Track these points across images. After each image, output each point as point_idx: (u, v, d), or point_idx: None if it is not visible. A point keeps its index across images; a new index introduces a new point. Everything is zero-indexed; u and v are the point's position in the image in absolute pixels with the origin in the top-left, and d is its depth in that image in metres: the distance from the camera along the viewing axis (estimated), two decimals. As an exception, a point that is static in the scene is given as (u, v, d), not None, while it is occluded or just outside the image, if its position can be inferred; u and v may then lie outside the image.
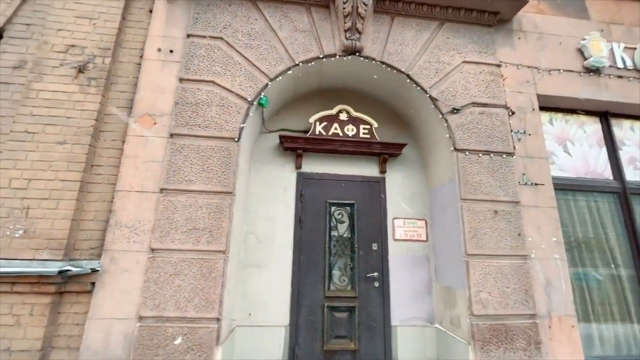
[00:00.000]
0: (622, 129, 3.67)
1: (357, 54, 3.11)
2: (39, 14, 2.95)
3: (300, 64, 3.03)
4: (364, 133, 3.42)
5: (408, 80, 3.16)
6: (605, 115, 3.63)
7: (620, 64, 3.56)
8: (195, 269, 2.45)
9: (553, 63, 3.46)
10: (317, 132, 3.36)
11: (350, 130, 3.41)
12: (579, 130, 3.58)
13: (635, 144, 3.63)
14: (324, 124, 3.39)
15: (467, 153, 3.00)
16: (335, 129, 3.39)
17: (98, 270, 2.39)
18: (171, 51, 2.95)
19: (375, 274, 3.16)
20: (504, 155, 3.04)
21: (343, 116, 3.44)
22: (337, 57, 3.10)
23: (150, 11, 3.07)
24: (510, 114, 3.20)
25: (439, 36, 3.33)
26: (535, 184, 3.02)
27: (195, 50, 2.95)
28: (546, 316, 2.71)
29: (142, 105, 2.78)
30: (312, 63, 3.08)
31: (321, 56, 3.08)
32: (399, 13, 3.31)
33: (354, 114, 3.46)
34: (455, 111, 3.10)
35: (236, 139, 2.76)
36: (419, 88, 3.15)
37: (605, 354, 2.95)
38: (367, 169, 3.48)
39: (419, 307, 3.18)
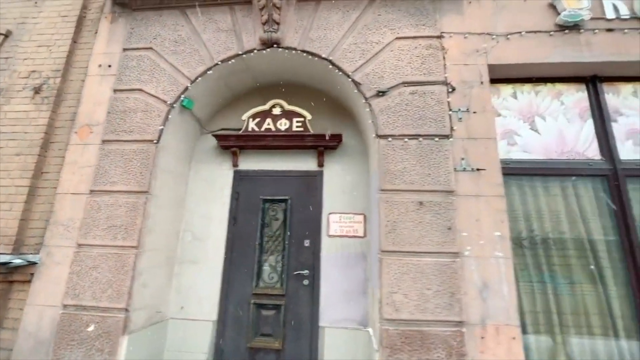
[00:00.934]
0: (618, 96, 2.90)
1: (276, 45, 3.03)
2: (14, 48, 3.52)
3: (220, 62, 3.07)
4: (297, 126, 3.31)
5: (331, 66, 2.97)
6: (593, 80, 2.92)
7: (610, 14, 2.83)
8: (111, 262, 2.66)
9: (514, 25, 2.90)
10: (249, 129, 3.36)
11: (283, 124, 3.33)
12: (553, 102, 2.94)
13: (638, 112, 2.85)
14: (257, 120, 3.38)
15: (390, 139, 2.69)
16: (268, 124, 3.35)
17: (37, 263, 2.75)
18: (109, 66, 3.25)
19: (306, 271, 3.03)
20: (437, 139, 2.65)
21: (276, 110, 3.38)
22: (256, 51, 3.06)
23: (96, 32, 3.43)
24: (450, 90, 2.78)
25: (369, 14, 3.06)
26: (477, 170, 2.58)
27: (128, 62, 3.20)
28: (479, 324, 2.29)
29: (82, 117, 3.11)
30: (233, 60, 3.09)
31: (240, 52, 3.08)
32: (324, -3, 3.14)
33: (288, 107, 3.37)
34: (380, 94, 2.81)
35: (155, 141, 2.92)
36: (341, 73, 2.94)
37: None
38: (304, 163, 3.35)
39: (352, 309, 2.94)
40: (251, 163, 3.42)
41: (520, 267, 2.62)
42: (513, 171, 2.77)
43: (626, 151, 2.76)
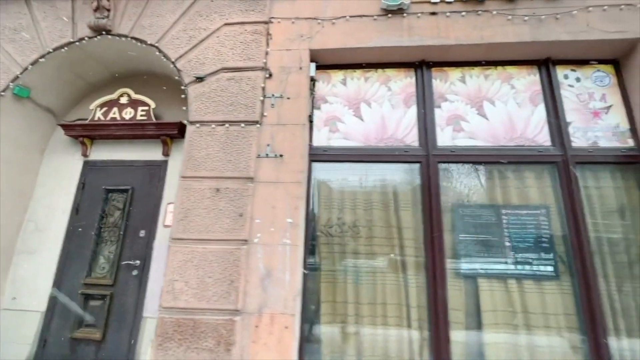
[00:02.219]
0: (445, 81, 2.83)
1: (106, 32, 2.99)
2: None
3: (52, 50, 3.03)
4: (141, 115, 3.26)
5: (158, 52, 2.92)
6: (421, 65, 2.85)
7: (436, -2, 2.76)
8: None
9: (342, 10, 2.84)
10: (96, 118, 3.31)
11: (128, 113, 3.28)
12: (381, 88, 2.87)
13: (464, 97, 2.77)
14: (105, 109, 3.33)
15: (198, 125, 2.64)
16: (114, 113, 3.30)
17: None
18: (-48, 55, 3.22)
19: (137, 262, 2.98)
20: (243, 125, 2.59)
21: (123, 99, 3.33)
22: (87, 39, 3.02)
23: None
24: (268, 76, 2.72)
25: (202, 1, 3.01)
26: (280, 156, 2.52)
27: (-33, 50, 3.17)
28: (256, 313, 2.22)
29: None
30: (66, 48, 3.05)
31: (73, 40, 3.04)
32: (163, -17, 3.09)
33: (134, 96, 3.32)
34: (198, 80, 2.76)
35: (-22, 129, 2.89)
36: (167, 60, 2.89)
37: None
38: (151, 153, 3.29)
39: (177, 299, 2.89)
40: (101, 153, 3.38)
41: (324, 256, 2.56)
42: (329, 158, 2.71)
43: (445, 137, 2.69)
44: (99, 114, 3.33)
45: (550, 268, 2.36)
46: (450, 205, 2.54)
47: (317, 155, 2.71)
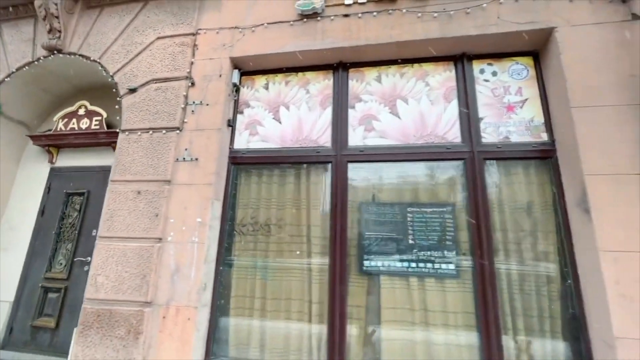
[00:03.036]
0: (361, 82, 2.86)
1: (57, 52, 3.31)
2: None
3: (16, 70, 3.41)
4: (95, 125, 3.57)
5: (100, 67, 3.20)
6: (338, 67, 2.90)
7: (349, 0, 2.80)
8: None
9: (261, 18, 2.96)
10: (58, 129, 3.67)
11: (84, 123, 3.61)
12: (300, 91, 2.95)
13: (379, 97, 2.79)
14: (66, 120, 3.68)
15: (127, 133, 2.88)
16: (74, 123, 3.64)
17: None
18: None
19: (89, 258, 3.28)
20: (165, 131, 2.79)
21: (81, 111, 3.66)
22: (43, 58, 3.36)
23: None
24: (190, 85, 2.90)
25: (140, 17, 3.25)
26: (196, 159, 2.69)
27: (-48, 74, 3.63)
28: (164, 305, 2.41)
29: None
30: (27, 67, 3.42)
31: (32, 60, 3.40)
32: (109, 4, 3.37)
33: (90, 107, 3.64)
34: (131, 91, 3.00)
35: (-46, 143, 3.32)
36: (106, 74, 3.15)
37: (251, 356, 2.44)
38: (105, 159, 3.58)
39: (120, 292, 3.16)
40: (65, 160, 3.74)
41: (238, 253, 2.69)
42: (248, 160, 2.85)
43: (357, 137, 2.73)
44: (60, 125, 3.69)
45: (452, 266, 2.35)
46: (357, 203, 2.59)
47: (237, 158, 2.86)
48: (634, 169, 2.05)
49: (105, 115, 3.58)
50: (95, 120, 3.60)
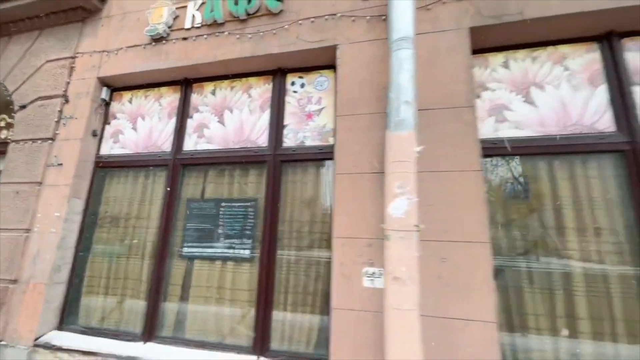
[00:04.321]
0: (200, 95, 3.31)
1: (-26, 75, 3.97)
2: None
3: (-54, 91, 4.11)
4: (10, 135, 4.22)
5: (4, 88, 3.82)
6: (185, 83, 3.36)
7: (188, 24, 3.25)
8: None
9: (124, 42, 3.47)
10: (-13, 139, 4.36)
11: (3, 134, 4.27)
12: (155, 104, 3.44)
13: (212, 108, 3.23)
14: (-7, 131, 4.37)
15: (14, 143, 3.48)
16: (-2, 134, 4.32)
17: None
18: None
19: (3, 247, 3.95)
20: (40, 142, 3.37)
21: (2, 123, 4.33)
22: (-35, 80, 4.03)
23: None
24: (65, 102, 3.46)
25: (37, 43, 3.84)
26: (60, 165, 3.25)
27: None
28: (25, 282, 3.00)
29: None
30: (-45, 89, 4.10)
31: (-43, 82, 4.08)
32: (16, 32, 3.98)
33: (9, 120, 4.30)
34: (21, 108, 3.60)
35: None
36: (7, 93, 3.77)
37: (93, 325, 3.00)
38: (22, 164, 4.26)
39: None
40: (-6, 165, 4.45)
41: (95, 241, 3.25)
42: (109, 164, 3.38)
43: (191, 143, 3.20)
44: (-12, 136, 4.38)
45: (247, 252, 2.78)
46: (185, 200, 3.07)
47: (101, 162, 3.40)
48: (371, 168, 2.40)
49: (19, 126, 4.23)
50: (10, 132, 4.26)
